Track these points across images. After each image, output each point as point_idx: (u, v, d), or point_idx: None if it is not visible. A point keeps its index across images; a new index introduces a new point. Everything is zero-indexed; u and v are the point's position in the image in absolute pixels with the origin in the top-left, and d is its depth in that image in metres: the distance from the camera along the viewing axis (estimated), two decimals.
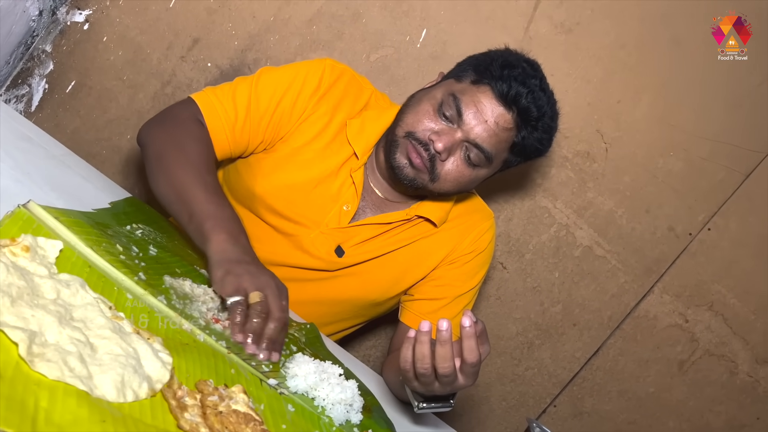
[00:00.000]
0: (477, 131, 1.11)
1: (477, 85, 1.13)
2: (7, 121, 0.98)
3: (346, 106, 1.23)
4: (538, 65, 1.20)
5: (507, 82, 1.10)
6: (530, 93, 1.11)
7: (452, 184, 1.16)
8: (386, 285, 1.29)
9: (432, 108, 1.14)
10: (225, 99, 1.16)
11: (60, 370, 0.58)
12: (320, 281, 1.26)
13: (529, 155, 1.19)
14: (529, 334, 1.76)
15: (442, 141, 1.11)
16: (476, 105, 1.11)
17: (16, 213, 0.73)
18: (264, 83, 1.18)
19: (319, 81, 1.20)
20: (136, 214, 1.04)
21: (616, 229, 1.69)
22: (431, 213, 1.26)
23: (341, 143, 1.22)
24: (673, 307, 1.74)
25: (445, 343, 0.88)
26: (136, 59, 1.57)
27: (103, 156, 1.62)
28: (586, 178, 1.67)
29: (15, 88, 1.56)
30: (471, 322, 0.87)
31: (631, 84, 1.63)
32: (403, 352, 0.93)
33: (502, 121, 1.12)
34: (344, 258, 1.25)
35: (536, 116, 1.13)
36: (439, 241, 1.29)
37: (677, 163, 1.66)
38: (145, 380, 0.65)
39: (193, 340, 0.81)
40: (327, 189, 1.22)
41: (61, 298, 0.67)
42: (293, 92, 1.19)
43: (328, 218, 1.22)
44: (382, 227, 1.25)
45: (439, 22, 1.58)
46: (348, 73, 1.25)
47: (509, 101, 1.11)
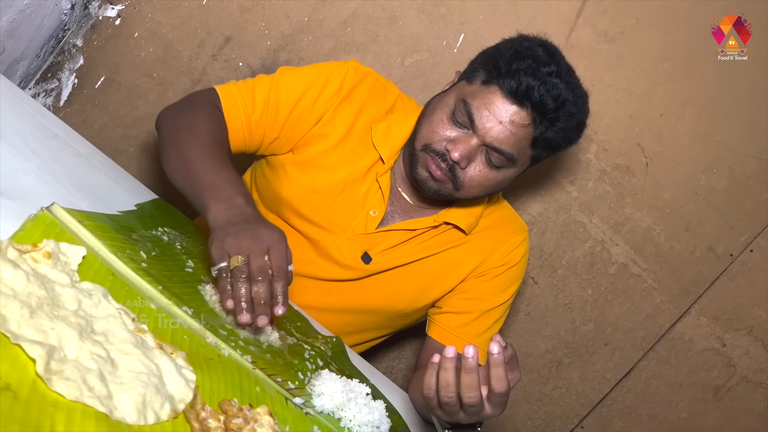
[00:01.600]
0: (493, 134, 1.06)
1: (487, 86, 1.07)
2: (35, 117, 0.95)
3: (371, 109, 1.19)
4: (556, 48, 1.11)
5: (515, 78, 1.03)
6: (542, 84, 1.03)
7: (478, 189, 1.12)
8: (414, 295, 1.25)
9: (445, 116, 1.09)
10: (244, 90, 1.15)
11: (79, 390, 0.54)
12: (346, 289, 1.22)
13: (556, 147, 1.12)
14: (559, 352, 1.70)
15: (458, 150, 1.07)
16: (488, 107, 1.06)
17: (39, 216, 0.70)
18: (285, 80, 1.16)
19: (341, 82, 1.17)
20: (162, 217, 1.01)
21: (653, 247, 1.63)
22: (460, 220, 1.21)
23: (367, 147, 1.18)
24: (710, 330, 1.67)
25: (471, 372, 0.83)
26: (166, 56, 1.55)
27: (130, 153, 1.59)
28: (624, 193, 1.60)
29: (44, 81, 1.54)
30: (500, 348, 0.82)
31: (675, 97, 1.56)
32: (426, 378, 0.88)
33: (517, 119, 1.05)
34: (371, 265, 1.21)
35: (553, 107, 1.05)
36: (469, 250, 1.24)
37: (720, 181, 1.60)
38: (168, 400, 0.61)
39: (218, 355, 0.77)
40: (353, 194, 1.18)
41: (82, 309, 0.63)
42: (314, 92, 1.16)
43: (355, 223, 1.19)
44: (409, 233, 1.21)
45: (478, 26, 1.53)
46: (372, 75, 1.21)
47: (520, 97, 1.04)
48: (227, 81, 1.55)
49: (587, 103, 1.13)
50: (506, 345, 0.84)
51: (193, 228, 1.08)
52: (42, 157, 0.85)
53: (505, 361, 0.83)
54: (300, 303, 1.19)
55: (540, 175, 1.60)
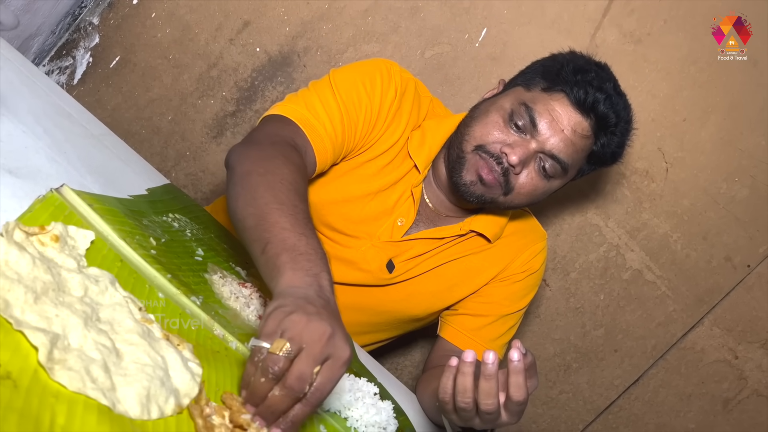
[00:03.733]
0: (553, 142, 1.04)
1: (549, 93, 1.05)
2: (48, 96, 0.93)
3: (411, 117, 1.14)
4: (608, 67, 1.12)
5: (583, 88, 1.03)
6: (608, 98, 1.04)
7: (526, 197, 1.10)
8: (432, 300, 1.22)
9: (502, 119, 1.06)
10: (317, 111, 1.03)
11: (81, 381, 0.52)
12: (363, 292, 1.20)
13: (605, 162, 1.13)
14: (567, 356, 1.67)
15: (516, 153, 1.03)
16: (551, 113, 1.04)
17: (48, 198, 0.67)
18: (344, 89, 1.06)
19: (395, 91, 1.10)
20: (173, 203, 0.99)
21: (669, 255, 1.60)
22: (486, 228, 1.19)
23: (403, 157, 1.14)
24: (723, 341, 1.64)
25: (490, 378, 0.81)
26: (183, 38, 1.52)
27: (143, 135, 1.57)
28: (642, 198, 1.57)
29: (59, 59, 1.52)
30: (520, 355, 0.80)
31: (699, 102, 1.53)
32: (442, 381, 0.85)
33: (579, 129, 1.05)
34: (394, 273, 1.18)
35: (615, 122, 1.06)
36: (491, 257, 1.22)
37: (742, 190, 1.56)
38: (173, 394, 0.59)
39: (225, 348, 0.75)
40: (383, 202, 1.15)
41: (88, 296, 0.61)
42: (374, 101, 1.08)
43: (381, 231, 1.16)
44: (435, 242, 1.19)
45: (501, 21, 1.50)
46: (412, 82, 1.15)
47: (587, 108, 1.04)
48: (243, 66, 1.54)
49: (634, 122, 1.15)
50: (526, 352, 0.82)
51: (204, 214, 1.06)
52: (54, 137, 0.83)
53: (525, 368, 0.80)
54: None
55: None
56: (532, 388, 0.83)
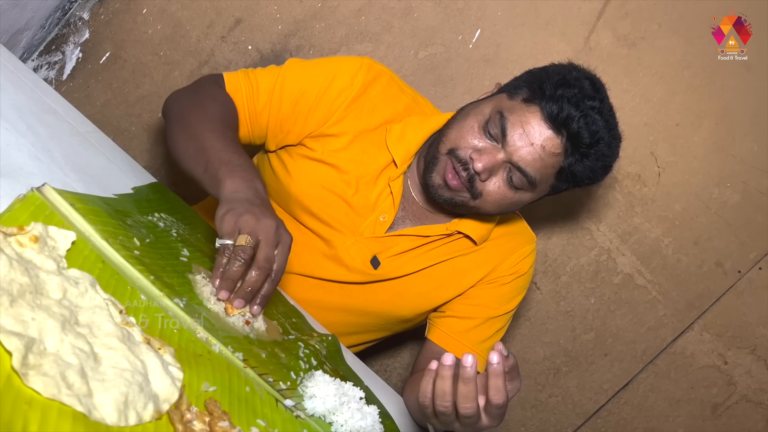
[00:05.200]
0: (521, 154, 1.03)
1: (527, 104, 1.04)
2: (33, 91, 0.92)
3: (384, 109, 1.15)
4: (602, 85, 1.09)
5: (558, 104, 1.01)
6: (583, 117, 1.00)
7: (493, 205, 1.09)
8: (419, 300, 1.22)
9: (478, 124, 1.06)
10: (252, 77, 1.13)
11: (56, 387, 0.51)
12: (350, 291, 1.19)
13: (579, 183, 1.10)
14: (557, 359, 1.67)
15: (482, 161, 1.03)
16: (523, 126, 1.02)
17: (29, 197, 0.66)
18: (292, 72, 1.13)
19: (351, 80, 1.12)
20: (159, 202, 0.98)
21: (660, 259, 1.59)
22: (473, 230, 1.18)
23: (379, 148, 1.14)
24: (713, 346, 1.64)
25: (468, 381, 0.80)
26: (174, 35, 1.51)
27: (132, 132, 1.56)
28: (634, 202, 1.57)
29: (48, 54, 1.50)
30: (500, 357, 0.79)
31: (692, 107, 1.52)
32: (422, 385, 0.85)
33: (549, 146, 1.02)
34: (380, 270, 1.17)
35: (588, 143, 1.02)
36: (478, 259, 1.22)
37: (733, 196, 1.56)
38: (152, 400, 0.58)
39: (208, 351, 0.74)
40: (365, 196, 1.15)
41: (67, 299, 0.60)
42: (320, 88, 1.12)
43: (364, 226, 1.16)
44: (420, 240, 1.18)
45: (495, 23, 1.49)
46: (386, 74, 1.17)
47: (558, 124, 1.01)
48: (235, 64, 1.52)
49: (619, 147, 1.11)
50: (508, 354, 0.81)
51: (192, 214, 1.05)
52: (37, 134, 0.82)
53: (505, 371, 0.80)
54: (300, 299, 1.16)
55: None
56: (513, 390, 0.83)
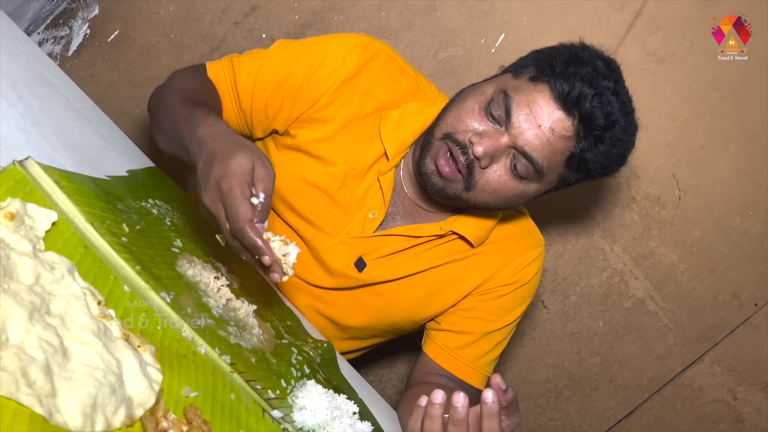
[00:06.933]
0: (527, 137, 0.92)
1: (535, 83, 0.93)
2: (30, 61, 0.86)
3: (380, 93, 1.04)
4: (617, 66, 0.98)
5: (570, 81, 0.90)
6: (597, 95, 0.90)
7: (491, 195, 0.97)
8: (410, 308, 1.13)
9: (479, 105, 0.94)
10: (235, 61, 1.05)
11: (15, 384, 0.45)
12: (338, 297, 1.11)
13: (591, 172, 0.97)
14: (560, 382, 1.60)
15: (483, 144, 0.92)
16: (530, 106, 0.91)
17: (9, 170, 0.60)
18: (278, 51, 1.04)
19: (343, 60, 1.01)
20: (155, 188, 0.92)
21: (674, 286, 1.53)
22: (468, 230, 1.07)
23: (371, 138, 1.04)
24: (723, 380, 1.57)
25: (459, 423, 0.75)
26: (187, 17, 1.45)
27: (135, 115, 1.50)
28: (651, 224, 1.51)
29: (55, 28, 1.44)
30: (494, 396, 0.74)
31: (719, 130, 1.46)
32: (410, 422, 0.80)
33: (558, 128, 0.91)
34: (365, 273, 1.08)
35: (602, 125, 0.91)
36: (475, 265, 1.11)
37: (755, 225, 1.50)
38: (124, 404, 0.52)
39: (192, 353, 0.68)
40: (352, 191, 1.04)
41: (39, 284, 0.54)
42: (307, 68, 1.01)
43: (351, 225, 1.06)
44: (410, 240, 1.07)
45: (520, 28, 1.43)
46: (385, 53, 1.05)
47: (570, 104, 0.90)
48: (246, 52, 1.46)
49: (635, 136, 0.99)
50: (506, 387, 0.75)
51: (190, 204, 0.99)
52: (28, 105, 0.76)
53: (501, 406, 0.74)
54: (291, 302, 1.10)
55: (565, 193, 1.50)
56: (511, 427, 0.78)
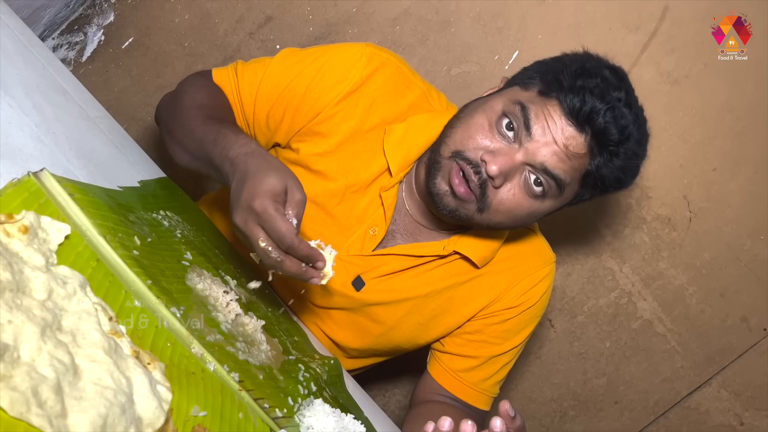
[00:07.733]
0: (545, 153, 0.88)
1: (544, 98, 0.90)
2: (45, 69, 0.86)
3: (385, 106, 1.00)
4: (625, 74, 0.95)
5: (580, 96, 0.87)
6: (610, 110, 0.86)
7: (505, 216, 0.93)
8: (413, 332, 1.10)
9: (488, 121, 0.91)
10: (240, 68, 1.04)
11: (26, 404, 0.44)
12: (338, 317, 1.09)
13: (607, 188, 0.94)
14: (565, 402, 1.59)
15: (497, 162, 0.88)
16: (546, 120, 0.88)
17: (24, 182, 0.60)
18: (281, 61, 1.01)
19: (347, 72, 0.98)
20: (166, 199, 0.91)
21: (683, 308, 1.52)
22: (472, 251, 1.03)
23: (374, 153, 1.00)
24: (730, 405, 1.56)
25: None
26: (201, 27, 1.45)
27: (147, 122, 1.50)
28: (661, 245, 1.50)
29: (70, 33, 1.45)
30: (503, 425, 0.73)
31: (732, 153, 1.45)
32: None
33: (572, 145, 0.88)
34: (363, 292, 1.05)
35: (617, 140, 0.87)
36: (480, 286, 1.07)
37: (766, 249, 1.48)
38: (133, 425, 0.52)
39: (201, 370, 0.67)
40: (352, 207, 1.01)
41: (52, 300, 0.54)
42: (309, 79, 0.98)
43: (350, 242, 1.02)
44: (412, 260, 1.04)
45: (535, 46, 1.43)
46: (391, 64, 1.01)
47: (582, 120, 0.87)
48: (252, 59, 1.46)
49: (647, 145, 0.96)
50: (515, 414, 0.75)
51: (199, 215, 0.99)
52: (43, 114, 0.76)
53: None
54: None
55: (574, 212, 1.50)
56: None
